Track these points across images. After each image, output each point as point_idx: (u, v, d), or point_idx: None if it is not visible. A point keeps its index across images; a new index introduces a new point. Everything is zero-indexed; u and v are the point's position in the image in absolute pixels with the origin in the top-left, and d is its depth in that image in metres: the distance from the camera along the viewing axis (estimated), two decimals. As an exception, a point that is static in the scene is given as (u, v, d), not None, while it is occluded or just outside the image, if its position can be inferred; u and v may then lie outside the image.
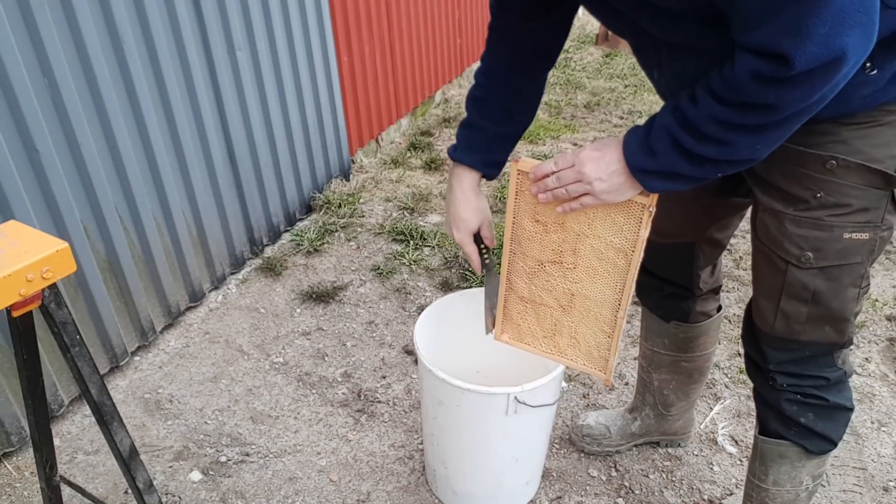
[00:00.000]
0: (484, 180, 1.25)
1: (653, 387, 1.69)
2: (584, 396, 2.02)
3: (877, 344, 2.20)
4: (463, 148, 1.23)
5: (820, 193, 1.02)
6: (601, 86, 5.04)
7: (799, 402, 1.18)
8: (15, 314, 0.96)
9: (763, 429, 1.27)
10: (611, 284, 1.13)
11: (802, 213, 1.05)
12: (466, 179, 1.23)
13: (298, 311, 2.45)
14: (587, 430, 1.81)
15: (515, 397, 1.36)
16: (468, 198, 1.23)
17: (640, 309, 1.66)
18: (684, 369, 1.62)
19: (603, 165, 0.98)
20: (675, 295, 1.49)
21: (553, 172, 1.03)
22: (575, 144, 3.82)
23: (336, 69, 3.04)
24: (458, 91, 4.62)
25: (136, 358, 2.22)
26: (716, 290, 1.52)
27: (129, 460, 1.12)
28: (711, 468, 1.78)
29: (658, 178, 0.96)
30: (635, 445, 1.83)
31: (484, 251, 1.29)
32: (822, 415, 1.18)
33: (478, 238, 1.27)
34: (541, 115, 4.28)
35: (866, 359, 2.14)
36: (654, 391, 1.70)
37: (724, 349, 2.19)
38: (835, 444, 1.22)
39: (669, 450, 1.83)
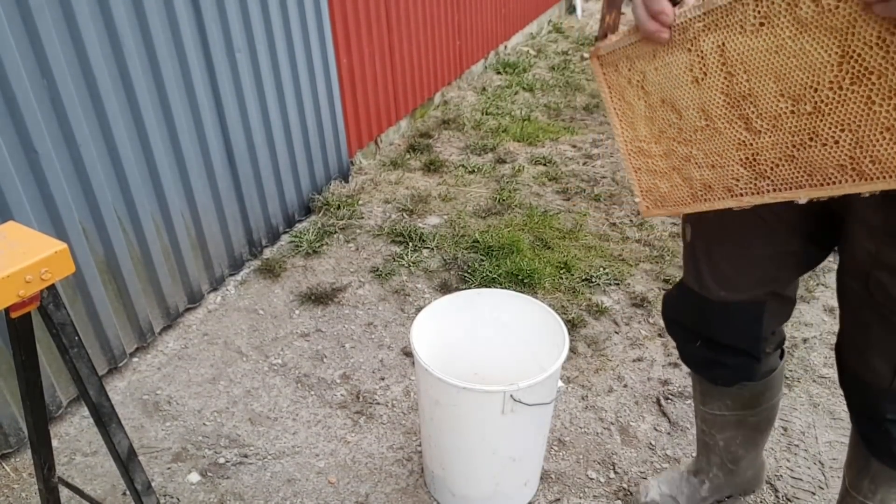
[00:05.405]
0: None
1: (718, 447, 1.51)
2: (583, 398, 2.02)
3: None
4: None
5: None
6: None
7: None
8: (13, 315, 0.96)
9: (874, 452, 1.18)
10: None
11: None
12: None
13: (297, 312, 2.45)
14: None
15: (511, 395, 1.36)
16: None
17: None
18: (751, 424, 1.45)
19: None
20: (738, 365, 1.31)
21: None
22: (574, 147, 3.83)
23: (335, 71, 3.04)
24: (456, 93, 4.62)
25: (135, 359, 2.22)
26: (780, 344, 1.36)
27: (127, 462, 1.12)
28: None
29: None
30: None
31: None
32: None
33: None
34: (539, 116, 4.28)
35: None
36: (719, 451, 1.52)
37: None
38: None
39: (668, 451, 1.83)
